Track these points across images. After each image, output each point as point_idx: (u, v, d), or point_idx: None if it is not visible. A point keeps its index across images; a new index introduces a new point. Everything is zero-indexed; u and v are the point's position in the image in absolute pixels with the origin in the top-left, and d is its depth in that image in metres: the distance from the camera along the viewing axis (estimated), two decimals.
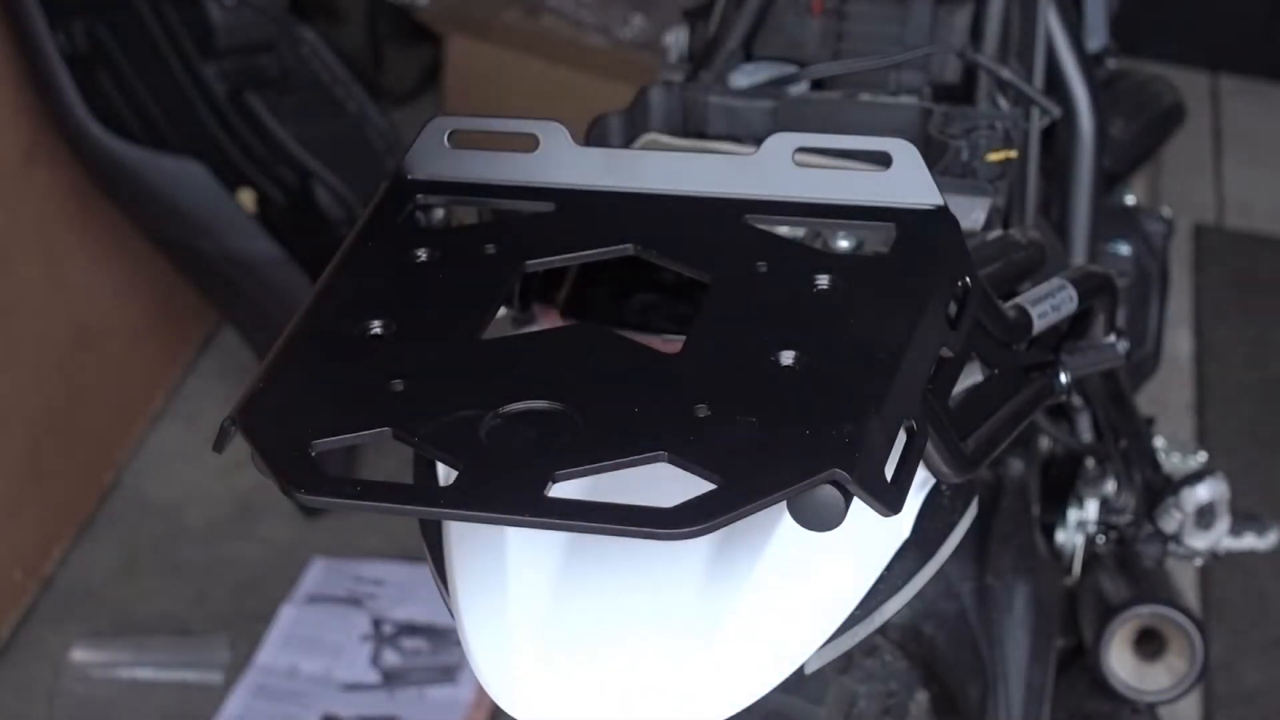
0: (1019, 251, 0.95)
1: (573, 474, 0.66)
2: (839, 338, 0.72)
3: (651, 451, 0.66)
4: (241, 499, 2.26)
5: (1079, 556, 1.36)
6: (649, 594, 0.74)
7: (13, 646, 2.08)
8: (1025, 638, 1.08)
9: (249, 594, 2.15)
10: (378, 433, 0.69)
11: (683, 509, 0.63)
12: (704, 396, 0.68)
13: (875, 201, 0.79)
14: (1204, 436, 2.45)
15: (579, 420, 0.68)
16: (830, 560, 0.76)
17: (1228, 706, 2.07)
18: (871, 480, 0.66)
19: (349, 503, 0.67)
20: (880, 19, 1.23)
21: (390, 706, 2.02)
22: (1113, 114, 1.55)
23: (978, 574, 1.06)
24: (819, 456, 0.65)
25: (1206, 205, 2.98)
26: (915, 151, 0.79)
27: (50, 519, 2.18)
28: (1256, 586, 2.21)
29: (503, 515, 0.65)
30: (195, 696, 2.02)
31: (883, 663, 0.98)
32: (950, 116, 1.07)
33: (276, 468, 0.67)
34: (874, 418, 0.67)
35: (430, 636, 2.10)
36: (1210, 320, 2.71)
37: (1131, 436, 1.32)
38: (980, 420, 0.81)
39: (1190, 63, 3.18)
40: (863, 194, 0.79)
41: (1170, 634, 1.26)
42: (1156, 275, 1.58)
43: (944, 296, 0.75)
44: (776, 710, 0.90)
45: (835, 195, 0.80)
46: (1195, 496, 1.36)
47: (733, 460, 0.66)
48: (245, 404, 0.71)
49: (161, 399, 2.41)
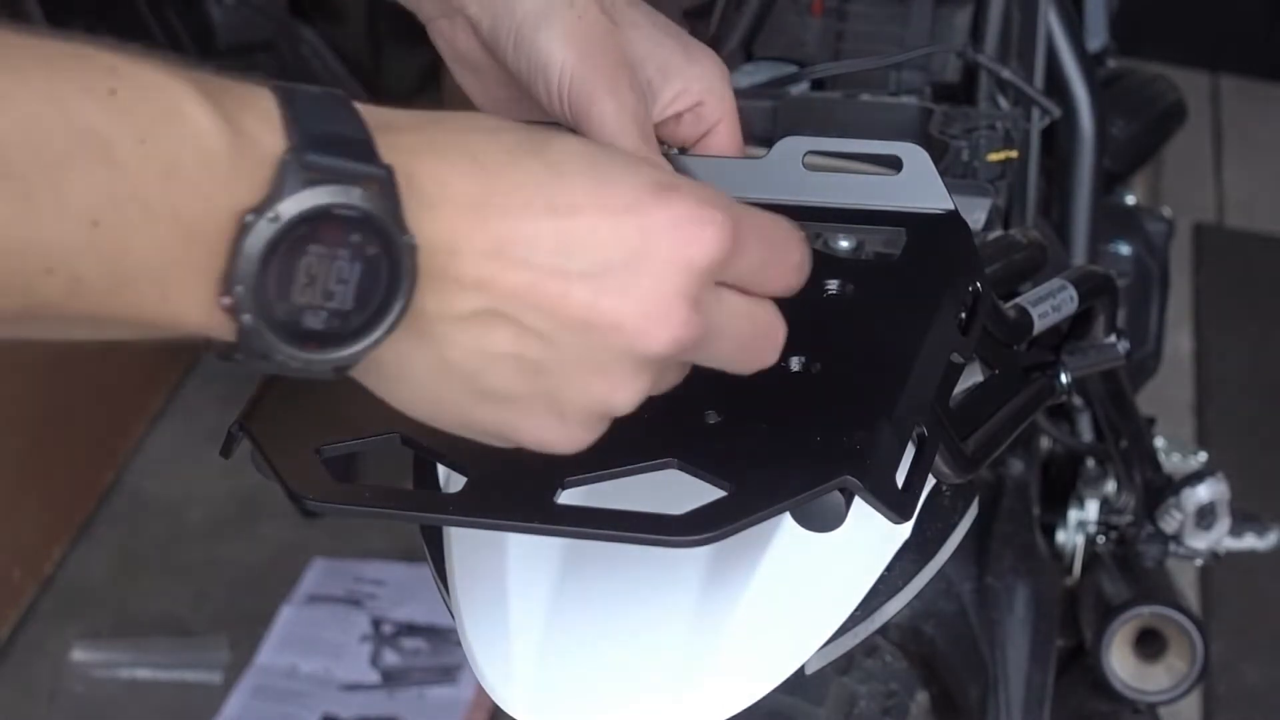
0: (1019, 252, 0.95)
1: (581, 481, 0.66)
2: (850, 343, 0.72)
3: (661, 458, 0.66)
4: (241, 499, 2.26)
5: (1079, 556, 1.36)
6: (650, 594, 0.74)
7: (13, 646, 2.08)
8: (1025, 638, 1.08)
9: (249, 594, 2.15)
10: (385, 438, 0.69)
11: (693, 516, 0.63)
12: (713, 403, 0.68)
13: (885, 206, 0.79)
14: (1204, 436, 2.45)
15: None
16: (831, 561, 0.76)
17: (1228, 706, 2.07)
18: (883, 488, 0.66)
19: (358, 509, 0.66)
20: (881, 19, 1.22)
21: (390, 706, 2.02)
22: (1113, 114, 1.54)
23: (978, 574, 1.06)
24: (830, 463, 0.65)
25: (1206, 205, 2.98)
26: (926, 155, 0.79)
27: (50, 519, 2.18)
28: (1256, 586, 2.21)
29: (511, 523, 0.65)
30: (195, 696, 2.02)
31: (883, 663, 0.98)
32: (951, 116, 1.07)
33: (283, 474, 0.67)
34: (885, 424, 0.67)
35: (430, 636, 2.10)
36: (1210, 320, 2.71)
37: (1132, 436, 1.32)
38: (981, 421, 0.81)
39: (1190, 63, 3.18)
40: (873, 198, 0.79)
41: (1171, 634, 1.26)
42: (1157, 275, 1.58)
43: (955, 302, 0.75)
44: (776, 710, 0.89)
45: (845, 199, 0.80)
46: (1195, 496, 1.36)
47: (743, 467, 0.65)
48: (252, 409, 0.71)
49: (161, 399, 2.41)
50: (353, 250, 0.55)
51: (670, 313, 0.59)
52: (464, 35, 0.80)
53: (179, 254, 0.53)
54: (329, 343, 0.56)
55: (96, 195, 0.51)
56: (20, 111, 0.50)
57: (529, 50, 0.76)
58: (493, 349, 0.59)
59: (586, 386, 0.60)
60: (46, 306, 0.52)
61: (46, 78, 0.51)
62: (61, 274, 0.51)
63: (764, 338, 0.65)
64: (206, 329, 0.56)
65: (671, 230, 0.59)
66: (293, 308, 0.55)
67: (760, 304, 0.64)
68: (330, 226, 0.55)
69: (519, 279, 0.58)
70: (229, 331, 0.55)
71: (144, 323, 0.55)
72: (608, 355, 0.59)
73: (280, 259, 0.54)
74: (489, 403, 0.60)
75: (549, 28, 0.75)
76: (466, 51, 0.81)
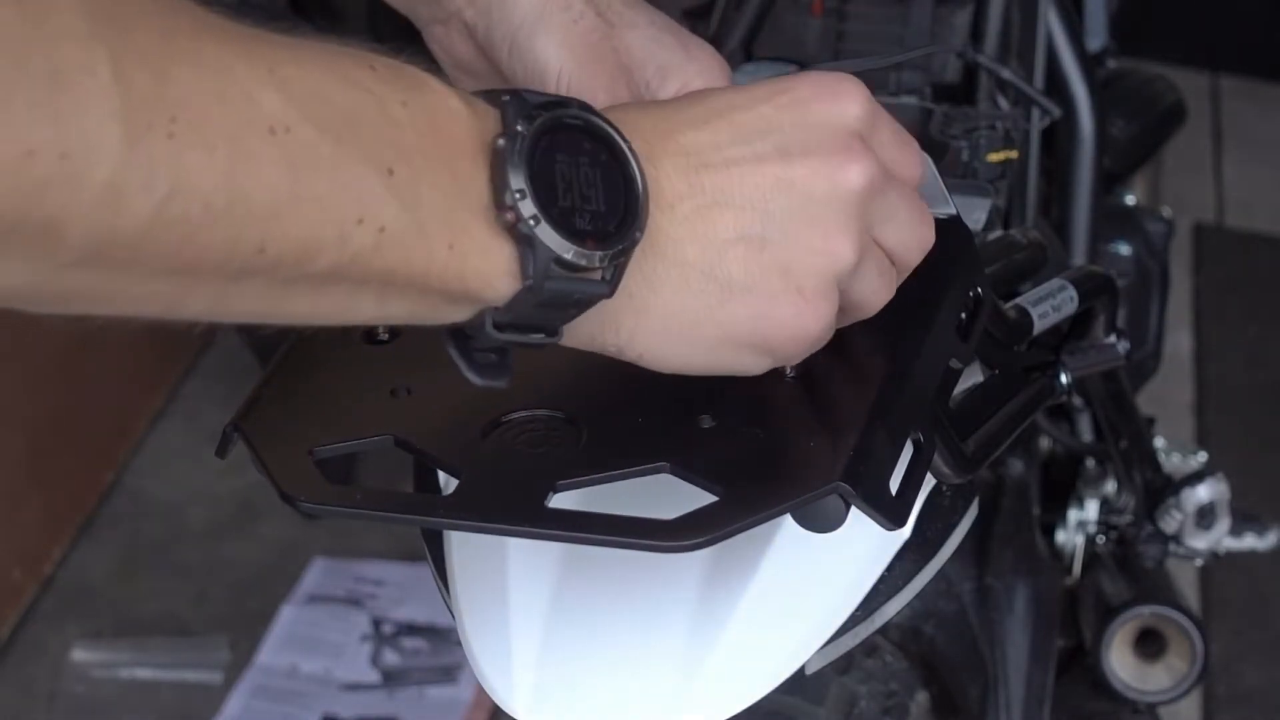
0: (1019, 252, 0.95)
1: (573, 485, 0.66)
2: (846, 349, 0.72)
3: (654, 463, 0.66)
4: (242, 499, 2.26)
5: (1079, 556, 1.36)
6: (650, 594, 0.74)
7: (13, 646, 2.08)
8: (1025, 638, 1.08)
9: (249, 594, 2.15)
10: (379, 440, 0.69)
11: (683, 521, 0.63)
12: (707, 408, 0.68)
13: None
14: (1204, 436, 2.45)
15: (581, 430, 0.68)
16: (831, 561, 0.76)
17: (1228, 706, 2.08)
18: (875, 494, 0.65)
19: (349, 511, 0.66)
20: (881, 19, 1.22)
21: (390, 706, 2.02)
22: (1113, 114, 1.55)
23: (978, 574, 1.06)
24: (822, 470, 0.65)
25: (1206, 205, 2.98)
26: (929, 160, 0.79)
27: (50, 519, 2.18)
28: (1256, 586, 2.21)
29: (502, 526, 0.65)
30: (195, 696, 2.02)
31: (883, 663, 0.98)
32: (951, 117, 1.07)
33: (276, 474, 0.67)
34: (879, 430, 0.67)
35: (430, 636, 2.10)
36: (1210, 320, 2.71)
37: (1132, 436, 1.32)
38: (981, 421, 0.81)
39: (1190, 63, 3.18)
40: None
41: (1171, 634, 1.26)
42: (1157, 275, 1.58)
43: (955, 308, 0.75)
44: (777, 710, 0.90)
45: None
46: (1195, 497, 1.36)
47: (735, 473, 0.65)
48: (246, 409, 0.71)
49: (161, 399, 2.41)
50: (590, 157, 0.62)
51: (851, 149, 0.66)
52: (460, 40, 0.81)
53: (457, 199, 0.59)
54: (602, 239, 0.61)
55: (387, 146, 0.57)
56: (314, 79, 0.56)
57: (525, 55, 0.77)
58: (720, 236, 0.65)
59: (810, 244, 0.65)
60: (355, 264, 0.57)
61: (320, 60, 0.57)
62: (370, 223, 0.56)
63: (922, 218, 0.71)
64: (487, 282, 0.60)
65: (822, 93, 0.67)
66: (561, 210, 0.61)
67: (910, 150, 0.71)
68: (566, 135, 0.61)
69: (719, 173, 0.65)
70: (509, 272, 0.60)
71: (432, 281, 0.59)
72: (817, 206, 0.66)
73: (539, 166, 0.60)
74: (734, 297, 0.65)
75: (545, 33, 0.77)
76: (462, 56, 0.82)
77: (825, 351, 0.70)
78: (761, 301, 0.65)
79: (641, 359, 0.66)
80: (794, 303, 0.65)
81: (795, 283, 0.65)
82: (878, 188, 0.67)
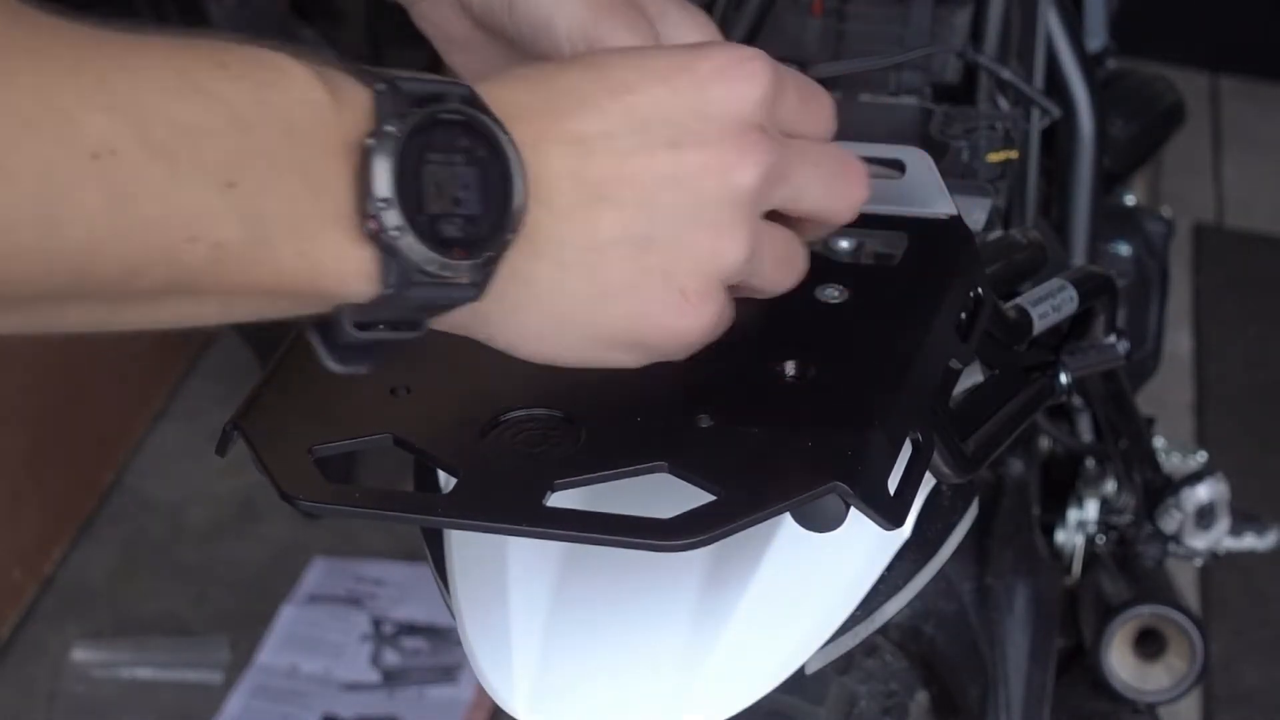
0: (1019, 252, 0.95)
1: (572, 484, 0.66)
2: (846, 349, 0.71)
3: (652, 462, 0.66)
4: (242, 499, 2.26)
5: (1079, 556, 1.36)
6: (650, 594, 0.74)
7: (13, 646, 2.08)
8: (1025, 638, 1.08)
9: (249, 594, 2.15)
10: (378, 439, 0.69)
11: (682, 520, 0.63)
12: (706, 407, 0.68)
13: (888, 210, 0.79)
14: (1204, 436, 2.45)
15: (580, 429, 0.68)
16: (831, 561, 0.76)
17: (1228, 706, 2.08)
18: (873, 494, 0.65)
19: (349, 510, 0.67)
20: (881, 19, 1.22)
21: (390, 706, 2.02)
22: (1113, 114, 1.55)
23: (978, 574, 1.06)
24: (820, 469, 0.65)
25: (1206, 205, 2.98)
26: (929, 160, 0.79)
27: (50, 519, 2.19)
28: (1256, 586, 2.21)
29: (500, 525, 0.65)
30: (195, 696, 2.02)
31: (883, 663, 0.98)
32: (951, 117, 1.07)
33: (276, 474, 0.67)
34: (878, 430, 0.67)
35: (430, 636, 2.10)
36: (1210, 320, 2.72)
37: (1132, 436, 1.32)
38: (981, 421, 0.81)
39: (1190, 63, 3.18)
40: (875, 202, 0.79)
41: (1170, 634, 1.26)
42: (1156, 275, 1.58)
43: (955, 308, 0.75)
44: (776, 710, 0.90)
45: None
46: (1195, 496, 1.36)
47: (733, 472, 0.65)
48: (246, 408, 0.71)
49: (161, 399, 2.41)
50: (466, 155, 0.58)
51: (746, 142, 0.63)
52: (450, 14, 0.79)
53: (310, 206, 0.56)
54: (470, 247, 0.59)
55: (229, 157, 0.53)
56: (151, 91, 0.52)
57: (528, 11, 0.75)
58: (602, 236, 0.62)
59: (695, 245, 0.63)
60: (189, 277, 0.54)
61: (163, 65, 0.53)
62: (204, 240, 0.53)
63: (841, 177, 0.68)
64: (343, 282, 0.57)
65: (723, 74, 0.63)
66: (429, 218, 0.58)
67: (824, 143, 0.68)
68: (441, 133, 0.58)
69: (606, 164, 0.61)
70: (368, 276, 0.57)
71: (281, 287, 0.56)
72: (706, 206, 0.63)
73: (408, 171, 0.57)
74: (612, 301, 0.63)
75: None
76: (454, 31, 0.80)
77: (825, 351, 0.70)
78: (640, 304, 0.63)
79: (512, 350, 0.65)
80: (676, 305, 0.63)
81: (678, 285, 0.63)
82: (777, 175, 0.64)
